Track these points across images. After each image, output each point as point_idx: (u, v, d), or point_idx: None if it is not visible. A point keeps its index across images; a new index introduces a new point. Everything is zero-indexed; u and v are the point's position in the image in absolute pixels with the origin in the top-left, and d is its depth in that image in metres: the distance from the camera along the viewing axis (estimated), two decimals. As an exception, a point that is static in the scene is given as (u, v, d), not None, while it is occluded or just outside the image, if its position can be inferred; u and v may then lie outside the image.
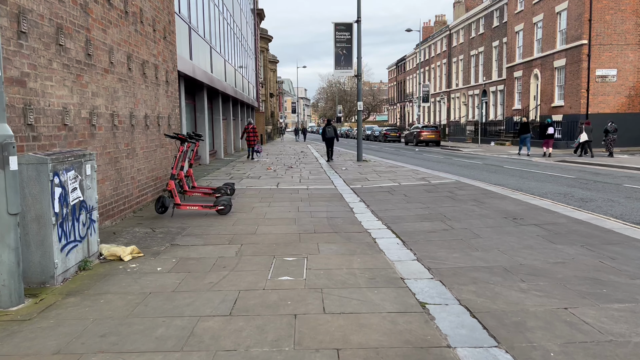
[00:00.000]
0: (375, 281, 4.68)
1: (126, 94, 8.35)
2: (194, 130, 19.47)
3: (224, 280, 4.77)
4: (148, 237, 6.75)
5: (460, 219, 7.60)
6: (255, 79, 41.37)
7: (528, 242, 6.08)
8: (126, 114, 8.34)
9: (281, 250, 5.94)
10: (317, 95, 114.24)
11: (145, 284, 4.72)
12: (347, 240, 6.42)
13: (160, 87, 10.47)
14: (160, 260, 5.56)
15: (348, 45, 20.65)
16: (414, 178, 13.54)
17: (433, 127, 41.18)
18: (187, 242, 6.43)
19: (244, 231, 7.05)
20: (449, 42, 54.01)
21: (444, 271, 4.97)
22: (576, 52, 28.58)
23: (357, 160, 20.73)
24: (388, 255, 5.62)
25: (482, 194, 10.07)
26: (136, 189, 8.80)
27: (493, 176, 14.87)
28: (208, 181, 13.56)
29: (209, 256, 5.70)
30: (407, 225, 7.29)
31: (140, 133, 9.08)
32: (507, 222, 7.27)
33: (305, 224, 7.56)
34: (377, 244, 6.21)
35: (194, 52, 16.85)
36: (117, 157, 7.92)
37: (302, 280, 4.74)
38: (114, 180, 7.75)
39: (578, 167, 17.50)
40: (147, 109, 9.50)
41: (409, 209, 8.74)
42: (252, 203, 9.65)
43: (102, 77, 7.34)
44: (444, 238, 6.43)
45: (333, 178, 14.07)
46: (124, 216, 8.16)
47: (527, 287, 4.43)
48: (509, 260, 5.29)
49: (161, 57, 10.56)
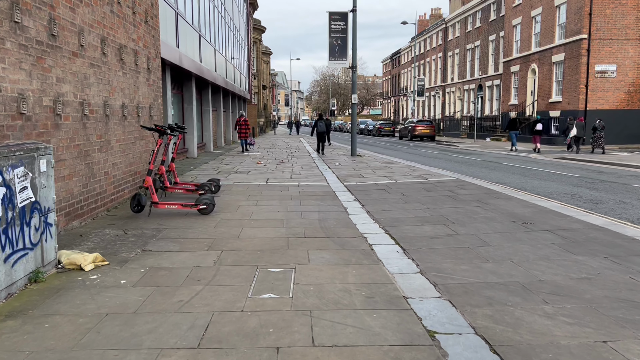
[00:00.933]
0: (374, 301, 4.00)
1: (99, 80, 7.59)
2: (181, 122, 18.68)
3: (196, 298, 4.07)
4: (118, 240, 6.02)
5: (464, 223, 6.93)
6: (248, 70, 40.49)
7: (543, 251, 5.42)
8: (99, 103, 7.58)
9: (266, 258, 5.25)
10: (310, 88, 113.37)
11: (104, 301, 4.01)
12: (341, 247, 5.73)
13: (141, 74, 9.70)
14: (126, 270, 4.85)
15: (343, 36, 19.89)
16: (411, 175, 12.87)
17: (428, 122, 40.53)
18: (160, 247, 5.71)
19: (226, 234, 6.34)
20: (444, 35, 53.27)
21: (453, 288, 4.30)
22: (575, 46, 27.96)
23: (351, 155, 20.04)
24: (387, 267, 4.94)
25: (486, 194, 9.41)
26: (111, 185, 8.06)
27: (493, 174, 14.22)
28: (193, 176, 12.82)
29: (183, 266, 4.99)
30: (407, 230, 6.61)
31: (116, 124, 8.33)
32: (516, 227, 6.61)
33: (295, 226, 6.86)
34: (374, 251, 5.53)
35: (181, 39, 16.04)
36: (88, 150, 7.17)
37: (288, 298, 4.05)
38: (84, 175, 7.01)
39: (580, 165, 16.91)
40: (124, 98, 8.74)
41: (408, 210, 8.07)
42: (238, 201, 8.94)
43: (70, 61, 6.58)
44: (448, 245, 5.76)
45: (326, 174, 13.38)
46: (96, 215, 7.43)
47: (552, 311, 3.77)
48: (526, 275, 4.62)
49: (142, 43, 9.78)
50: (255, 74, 49.44)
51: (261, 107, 53.11)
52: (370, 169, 14.61)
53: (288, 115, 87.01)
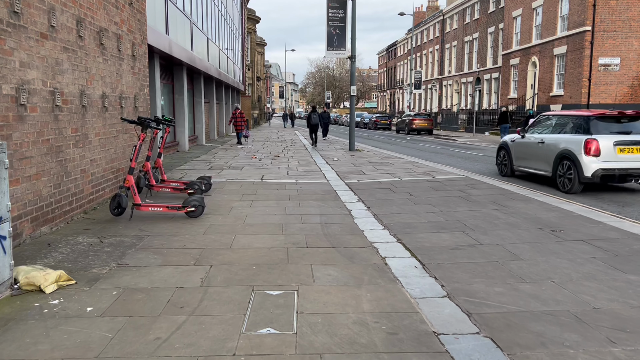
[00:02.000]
0: (398, 339, 3.22)
1: (75, 67, 6.74)
2: (172, 113, 17.80)
3: (177, 335, 3.28)
4: (91, 251, 5.21)
5: (486, 230, 6.16)
6: (242, 61, 39.52)
7: (586, 268, 4.66)
8: (75, 92, 6.74)
9: (263, 276, 4.46)
10: (305, 80, 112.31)
11: (61, 340, 3.21)
12: (350, 260, 4.95)
13: (125, 62, 8.84)
14: (95, 292, 4.04)
15: (341, 25, 19.02)
16: (415, 172, 12.10)
17: (425, 115, 39.74)
18: (140, 260, 4.91)
19: (217, 243, 5.55)
20: (441, 27, 52.42)
21: (492, 319, 3.53)
22: (578, 39, 27.23)
23: (349, 149, 19.24)
24: (407, 288, 4.17)
25: (501, 195, 8.65)
26: (88, 184, 7.23)
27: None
28: (183, 172, 11.99)
29: (164, 286, 4.19)
30: (422, 238, 5.84)
31: (95, 116, 7.49)
32: (546, 236, 5.85)
33: (295, 232, 6.08)
34: (388, 267, 4.75)
35: (171, 26, 15.14)
36: (61, 145, 6.33)
37: (291, 335, 3.27)
38: (56, 174, 6.17)
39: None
40: (105, 87, 7.89)
41: (419, 213, 7.29)
42: (231, 201, 8.13)
43: (38, 43, 5.73)
44: (473, 259, 4.99)
45: (324, 170, 12.58)
46: (71, 218, 6.60)
47: (625, 356, 3.01)
48: (575, 301, 3.86)
49: (126, 27, 8.92)
50: (250, 65, 48.45)
51: (255, 99, 52.16)
52: (371, 165, 13.82)
53: (282, 107, 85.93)
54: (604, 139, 9.33)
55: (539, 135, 11.03)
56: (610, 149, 9.28)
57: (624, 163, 9.26)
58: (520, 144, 11.72)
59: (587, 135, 9.47)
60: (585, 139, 9.40)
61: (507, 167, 12.31)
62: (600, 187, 10.34)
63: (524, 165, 11.59)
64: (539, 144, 10.82)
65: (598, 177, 9.25)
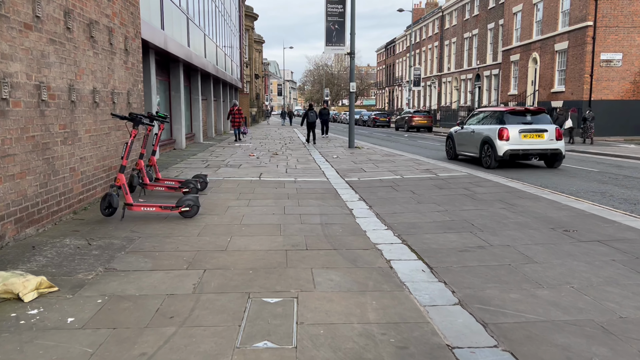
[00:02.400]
0: (409, 354, 2.92)
1: (63, 60, 6.42)
2: (168, 110, 17.47)
3: (165, 349, 2.97)
4: (78, 254, 4.90)
5: (495, 230, 5.86)
6: (240, 58, 39.17)
7: (606, 272, 4.36)
8: (63, 87, 6.42)
9: (260, 281, 4.15)
10: (303, 78, 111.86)
11: (35, 356, 2.90)
12: (352, 263, 4.65)
13: (117, 56, 8.52)
14: (79, 300, 3.74)
15: (340, 20, 18.69)
16: (417, 169, 11.80)
17: (425, 112, 39.46)
18: (129, 264, 4.60)
19: (212, 245, 5.24)
20: (441, 24, 52.08)
21: (510, 330, 3.23)
22: (580, 34, 26.92)
23: (349, 146, 18.93)
24: (415, 294, 3.87)
25: (507, 193, 8.35)
26: (78, 183, 6.91)
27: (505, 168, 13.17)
28: (179, 170, 11.67)
29: (153, 293, 3.89)
30: (428, 239, 5.54)
31: (85, 112, 7.17)
32: (559, 237, 5.55)
33: (294, 233, 5.77)
34: (394, 270, 4.45)
35: (167, 21, 14.81)
36: (48, 142, 6.01)
37: (290, 350, 2.96)
38: (42, 173, 5.86)
39: (592, 159, 15.90)
40: (96, 82, 7.57)
41: (423, 212, 6.99)
42: (228, 201, 7.82)
43: (22, 34, 5.41)
44: (484, 261, 4.69)
45: (324, 168, 12.27)
46: (59, 219, 6.29)
47: (662, 373, 2.71)
48: (599, 309, 3.56)
49: (118, 20, 8.59)
50: (248, 63, 48.10)
51: (253, 96, 51.80)
52: (372, 163, 13.52)
53: (281, 105, 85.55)
54: (513, 128, 12.56)
55: (471, 126, 14.18)
56: (517, 135, 12.52)
57: (526, 145, 12.56)
58: (460, 133, 14.81)
59: (501, 125, 12.69)
60: (499, 127, 12.61)
61: (452, 152, 15.33)
62: (511, 164, 13.45)
63: (463, 150, 14.68)
64: (472, 133, 13.97)
65: (507, 156, 12.49)
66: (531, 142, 12.53)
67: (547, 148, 12.59)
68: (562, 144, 12.75)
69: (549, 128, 12.70)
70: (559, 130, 12.81)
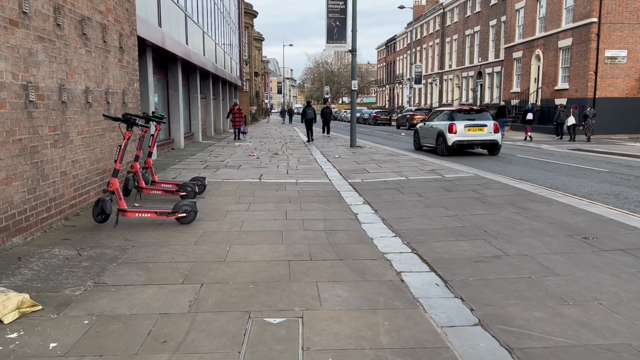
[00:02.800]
0: (430, 388, 2.60)
1: (53, 59, 6.10)
2: (166, 110, 17.14)
3: (156, 382, 2.66)
4: (67, 266, 4.58)
5: (510, 238, 5.54)
6: (239, 56, 38.80)
7: (635, 286, 4.04)
8: (53, 87, 6.09)
9: (262, 297, 3.84)
10: (303, 75, 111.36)
11: (10, 391, 2.59)
12: (360, 275, 4.33)
13: (111, 54, 8.19)
14: (64, 321, 3.42)
15: (342, 16, 18.33)
16: (422, 170, 11.47)
17: (427, 110, 39.03)
18: (120, 277, 4.28)
19: (210, 256, 4.92)
20: (442, 21, 51.68)
21: (539, 358, 2.91)
22: (584, 31, 26.56)
23: (351, 146, 18.60)
24: (431, 313, 3.55)
25: (518, 196, 8.03)
26: (70, 187, 6.59)
27: (512, 168, 12.85)
28: (177, 172, 11.35)
29: (145, 312, 3.57)
30: (439, 247, 5.22)
31: (77, 113, 6.84)
32: (578, 245, 5.23)
33: (297, 241, 5.45)
34: (405, 284, 4.13)
35: (164, 18, 14.47)
36: (36, 145, 5.69)
37: (297, 383, 2.65)
38: (30, 178, 5.54)
39: (600, 158, 15.56)
40: (89, 82, 7.24)
41: (432, 217, 6.67)
42: (227, 205, 7.50)
43: (7, 31, 5.09)
44: (502, 273, 4.37)
45: (326, 169, 11.95)
46: (49, 226, 5.97)
47: None
48: (635, 331, 3.24)
49: (112, 16, 8.26)
50: (247, 60, 47.73)
51: (253, 94, 51.45)
52: (375, 163, 13.20)
53: (281, 103, 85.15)
54: (460, 123, 15.66)
55: (431, 122, 17.41)
56: (462, 129, 15.60)
57: (470, 137, 15.67)
58: (423, 128, 18.10)
59: (451, 121, 15.77)
60: (449, 123, 15.74)
61: (417, 143, 18.58)
62: (459, 153, 16.55)
63: (425, 142, 17.87)
64: (430, 128, 17.19)
65: (455, 145, 15.68)
66: (474, 134, 15.63)
67: (486, 139, 15.64)
68: (499, 136, 15.75)
69: (488, 123, 15.71)
70: (497, 125, 15.86)
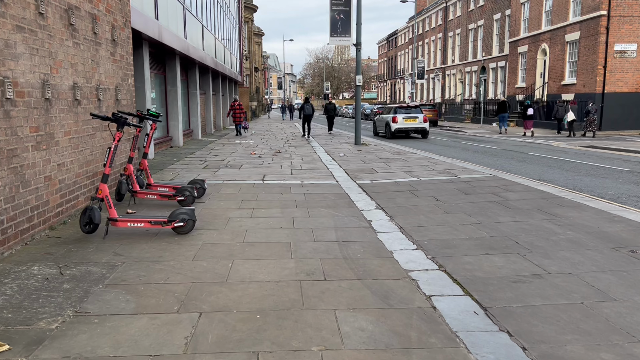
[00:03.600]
0: None
1: (34, 51, 5.47)
2: (164, 106, 16.50)
3: None
4: (44, 289, 3.98)
5: (546, 251, 4.93)
6: (239, 51, 38.10)
7: None
8: (34, 83, 5.47)
9: (271, 332, 3.23)
10: (303, 71, 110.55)
11: None
12: (384, 301, 3.73)
13: (102, 47, 7.57)
14: (32, 367, 2.82)
15: (346, 9, 17.69)
16: (434, 170, 10.86)
17: (430, 106, 38.32)
18: (106, 304, 3.68)
19: (210, 274, 4.32)
20: (444, 15, 50.93)
21: (625, 422, 2.31)
22: (593, 24, 25.89)
23: (355, 143, 17.98)
24: (476, 354, 2.95)
25: (543, 199, 7.42)
26: (55, 193, 5.98)
27: (527, 167, 12.23)
28: (175, 172, 10.73)
29: (133, 353, 2.96)
30: (469, 263, 4.61)
31: (64, 111, 6.23)
32: (627, 260, 4.62)
33: (307, 255, 4.85)
34: (439, 312, 3.53)
35: (161, 10, 13.82)
36: (15, 148, 5.08)
37: None
38: (7, 185, 4.93)
39: (617, 156, 14.94)
40: (77, 77, 6.62)
41: (454, 225, 6.06)
42: (228, 210, 6.90)
43: (-22, 19, 4.47)
44: (548, 298, 3.76)
45: (332, 168, 11.34)
46: (31, 238, 5.36)
47: None
48: None
49: (103, 6, 7.63)
50: (247, 56, 47.02)
51: (253, 90, 50.79)
52: (382, 162, 12.59)
53: (281, 98, 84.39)
54: (400, 115, 22.03)
55: (382, 115, 24.20)
56: (402, 120, 21.92)
57: (407, 125, 22.04)
58: (377, 119, 25.00)
59: (394, 114, 22.16)
60: (392, 115, 22.17)
61: (374, 130, 25.08)
62: (399, 137, 22.60)
63: (379, 130, 24.16)
64: (382, 118, 23.78)
65: (397, 131, 22.08)
66: (409, 124, 22.06)
67: (418, 127, 22.19)
68: (427, 125, 22.27)
69: (419, 116, 22.16)
70: (425, 117, 22.30)
